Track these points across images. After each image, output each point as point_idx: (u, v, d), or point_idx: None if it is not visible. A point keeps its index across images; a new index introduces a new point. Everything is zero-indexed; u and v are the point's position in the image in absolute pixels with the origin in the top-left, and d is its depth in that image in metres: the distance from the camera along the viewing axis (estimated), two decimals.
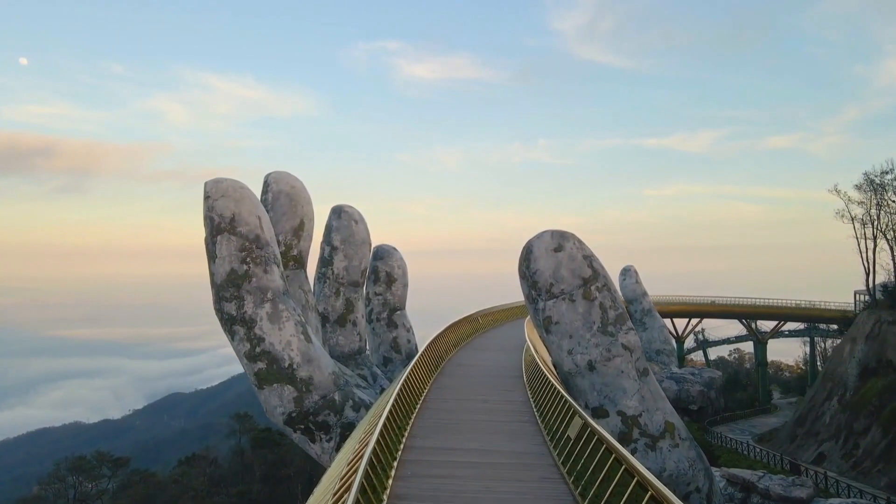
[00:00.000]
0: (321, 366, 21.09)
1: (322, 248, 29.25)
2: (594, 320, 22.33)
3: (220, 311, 20.54)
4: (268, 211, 25.05)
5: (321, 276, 29.03)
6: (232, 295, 20.33)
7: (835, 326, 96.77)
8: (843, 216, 55.92)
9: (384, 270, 32.14)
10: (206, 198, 20.71)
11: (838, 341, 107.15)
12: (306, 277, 26.11)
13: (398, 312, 32.35)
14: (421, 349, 24.38)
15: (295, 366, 20.55)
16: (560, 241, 22.82)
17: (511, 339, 39.05)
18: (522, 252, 23.44)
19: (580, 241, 23.10)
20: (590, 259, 22.93)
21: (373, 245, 31.73)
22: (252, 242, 20.63)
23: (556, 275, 22.60)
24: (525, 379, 24.08)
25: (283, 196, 25.16)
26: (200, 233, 21.34)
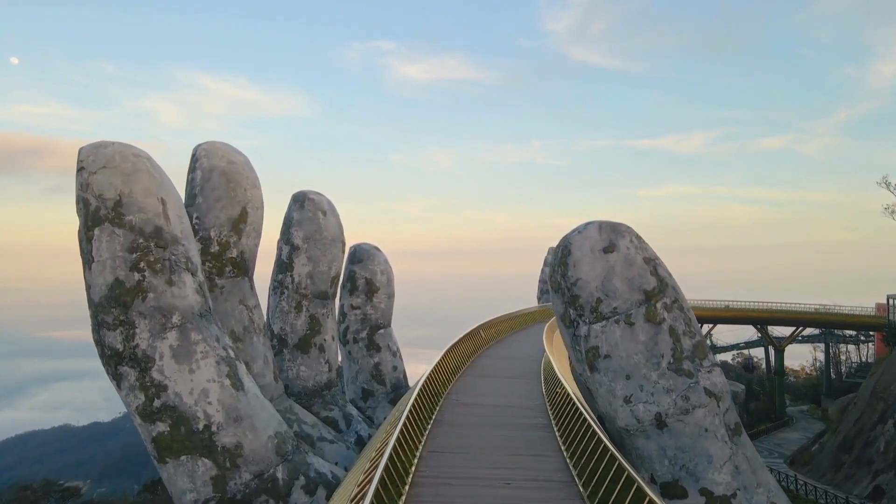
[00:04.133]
0: (256, 426, 13.94)
1: (279, 249, 22.13)
2: (662, 353, 15.26)
3: (99, 342, 13.43)
4: (194, 195, 17.95)
5: (277, 286, 21.88)
6: (116, 319, 13.19)
7: (852, 332, 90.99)
8: (892, 212, 49.07)
9: (363, 277, 24.96)
10: (80, 170, 13.57)
11: (851, 347, 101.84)
12: (252, 288, 18.98)
13: (381, 331, 25.19)
14: (412, 394, 17.12)
15: (215, 428, 13.40)
16: (612, 237, 15.74)
17: (521, 360, 32.06)
18: (556, 253, 16.38)
19: (639, 238, 16.05)
20: (654, 263, 15.87)
21: (348, 244, 24.65)
22: (149, 238, 13.49)
23: (607, 286, 15.52)
24: (556, 430, 17.05)
25: (216, 175, 17.99)
26: None
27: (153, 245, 13.48)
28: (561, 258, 15.97)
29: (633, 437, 15.28)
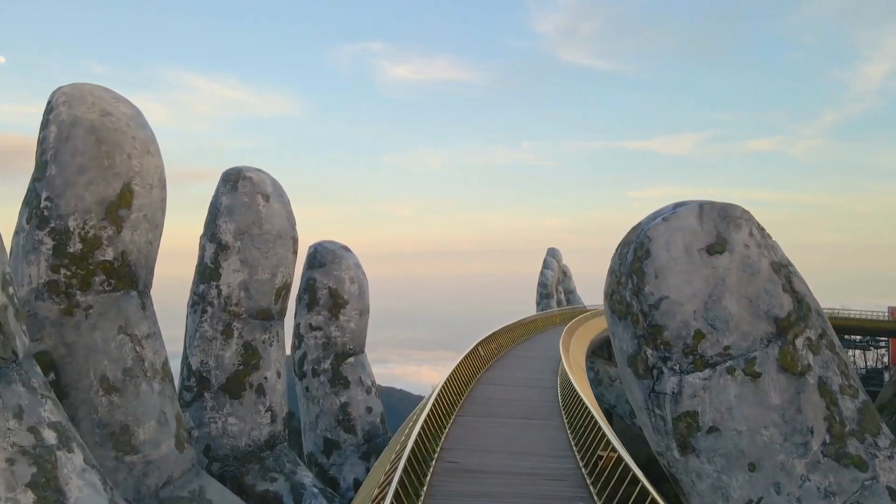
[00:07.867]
0: None
1: (201, 248, 15.68)
2: (811, 425, 8.92)
3: None
4: (45, 163, 11.51)
5: (197, 302, 15.41)
6: None
7: (857, 337, 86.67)
8: None
9: (326, 287, 18.52)
10: None
11: (857, 352, 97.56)
12: (143, 307, 12.50)
13: (351, 360, 18.76)
14: (395, 474, 10.67)
15: None
16: (720, 227, 9.36)
17: (531, 387, 26.25)
18: (621, 254, 9.98)
19: (762, 230, 9.67)
20: (787, 272, 9.52)
21: (306, 242, 18.25)
22: None
23: (714, 311, 9.16)
24: None
25: (81, 133, 11.51)
26: (186, 233, 10.86)
27: None
28: (633, 263, 9.54)
29: None
